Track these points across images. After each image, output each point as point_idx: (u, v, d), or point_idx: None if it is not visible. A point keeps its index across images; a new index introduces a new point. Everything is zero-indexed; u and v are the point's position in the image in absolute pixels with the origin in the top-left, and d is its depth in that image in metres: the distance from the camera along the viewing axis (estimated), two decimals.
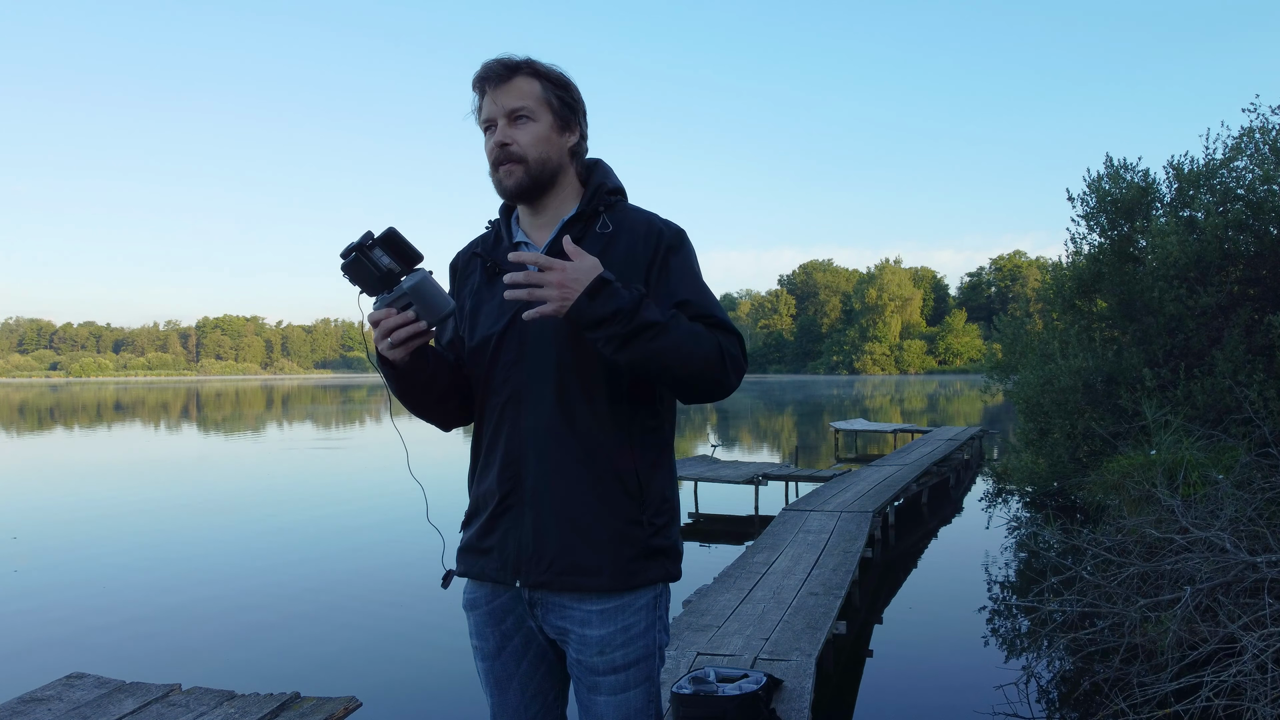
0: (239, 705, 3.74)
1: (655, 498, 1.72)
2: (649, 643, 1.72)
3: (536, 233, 1.79)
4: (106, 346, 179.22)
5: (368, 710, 4.00)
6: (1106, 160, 10.20)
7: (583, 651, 1.70)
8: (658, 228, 1.74)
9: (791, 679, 4.14)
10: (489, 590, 1.77)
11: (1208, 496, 5.48)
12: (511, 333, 1.70)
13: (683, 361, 1.58)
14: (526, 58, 1.71)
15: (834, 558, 6.86)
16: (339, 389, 79.96)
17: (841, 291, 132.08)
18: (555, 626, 1.72)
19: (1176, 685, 3.98)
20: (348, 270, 1.51)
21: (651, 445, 1.73)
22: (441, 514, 1.89)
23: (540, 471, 1.67)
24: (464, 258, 1.89)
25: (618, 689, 1.69)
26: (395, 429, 1.96)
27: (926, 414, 35.60)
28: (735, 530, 10.59)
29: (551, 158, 1.72)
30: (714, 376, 1.63)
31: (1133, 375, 8.79)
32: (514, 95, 1.69)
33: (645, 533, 1.69)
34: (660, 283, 1.69)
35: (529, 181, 1.71)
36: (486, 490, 1.75)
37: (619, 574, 1.67)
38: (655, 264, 1.70)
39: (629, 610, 1.69)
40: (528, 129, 1.69)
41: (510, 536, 1.70)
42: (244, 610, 7.13)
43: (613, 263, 1.66)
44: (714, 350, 1.62)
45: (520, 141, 1.69)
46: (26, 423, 34.95)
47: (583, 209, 1.74)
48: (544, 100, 1.71)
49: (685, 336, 1.59)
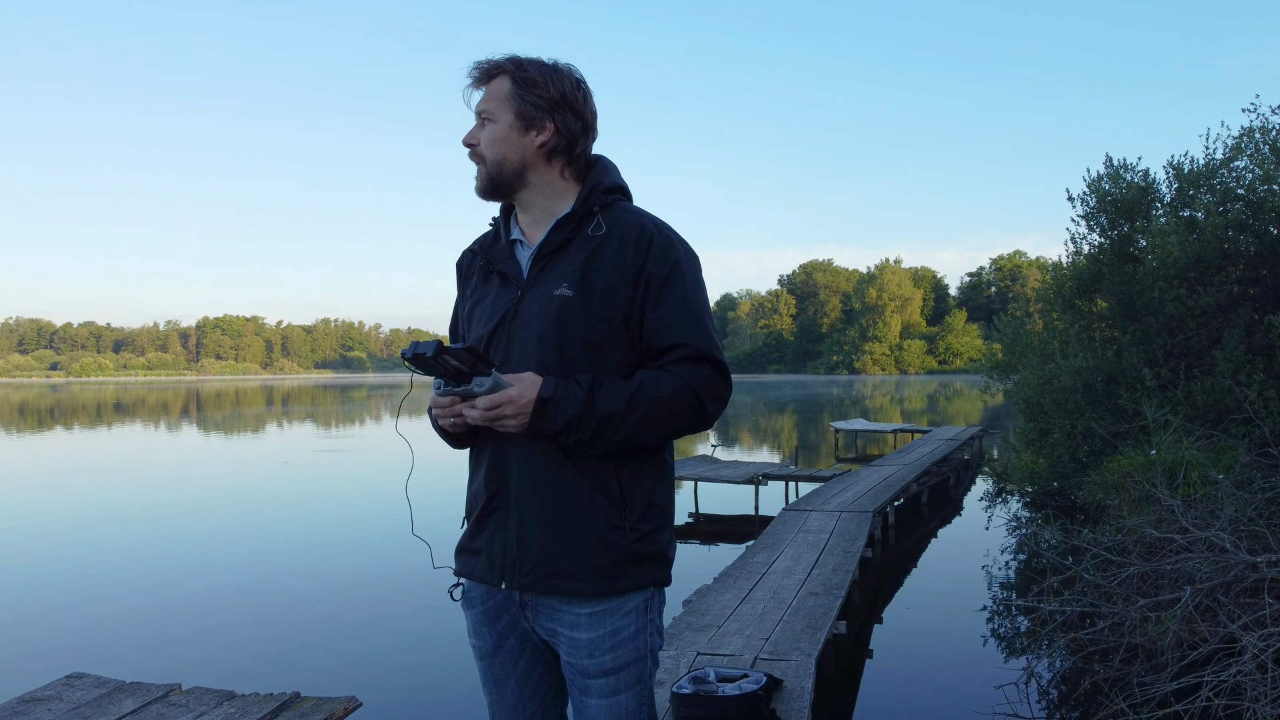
0: (239, 705, 3.73)
1: (640, 503, 1.69)
2: (639, 646, 1.71)
3: (530, 229, 1.79)
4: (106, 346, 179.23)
5: (368, 710, 4.00)
6: (1106, 160, 10.20)
7: (573, 654, 1.70)
8: (649, 234, 1.69)
9: (791, 679, 4.14)
10: (484, 590, 1.77)
11: (1208, 496, 5.48)
12: (500, 334, 1.72)
13: (656, 431, 1.63)
14: (508, 57, 1.72)
15: (834, 558, 6.86)
16: (339, 389, 79.96)
17: (841, 291, 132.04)
18: (546, 628, 1.72)
19: (1176, 685, 3.98)
20: (410, 364, 1.55)
21: (635, 451, 1.68)
22: (435, 520, 1.88)
23: (523, 474, 1.67)
24: (467, 257, 1.90)
25: (608, 692, 1.69)
26: (408, 446, 1.97)
27: (926, 414, 35.60)
28: (735, 530, 10.60)
29: (510, 157, 1.72)
30: (690, 425, 1.67)
31: (1133, 375, 8.79)
32: (481, 97, 1.74)
33: (628, 538, 1.67)
34: (652, 312, 1.66)
35: (488, 181, 1.74)
36: (476, 490, 1.77)
37: (600, 579, 1.65)
38: (644, 281, 1.66)
39: (618, 613, 1.68)
40: (486, 130, 1.73)
41: (496, 538, 1.71)
42: (244, 610, 7.13)
43: (599, 267, 1.66)
44: (685, 404, 1.63)
45: (482, 141, 1.73)
46: (27, 423, 34.95)
47: (576, 208, 1.72)
48: (506, 100, 1.71)
49: (651, 407, 1.61)
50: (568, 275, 1.67)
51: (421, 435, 1.98)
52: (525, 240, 1.79)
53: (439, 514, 1.85)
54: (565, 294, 1.66)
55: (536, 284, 1.71)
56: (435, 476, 2.48)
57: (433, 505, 1.98)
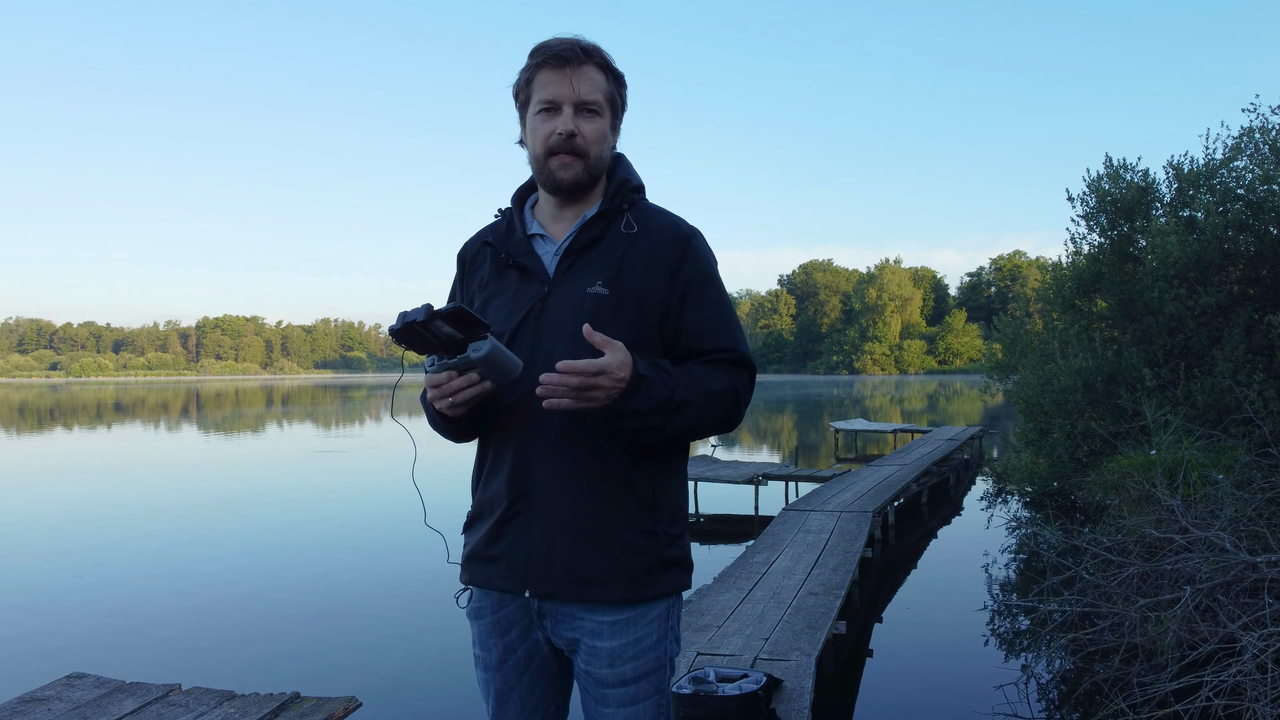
0: (239, 705, 3.73)
1: (670, 507, 1.66)
2: (660, 654, 1.66)
3: (554, 225, 1.71)
4: (106, 346, 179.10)
5: (368, 710, 4.00)
6: (1106, 160, 10.20)
7: (591, 663, 1.64)
8: (685, 235, 1.68)
9: (791, 679, 4.14)
10: (495, 599, 1.70)
11: (1208, 496, 5.48)
12: (524, 331, 1.63)
13: (703, 425, 1.60)
14: (595, 44, 1.63)
15: (834, 558, 6.86)
16: (339, 389, 79.95)
17: (841, 291, 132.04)
18: (564, 637, 1.66)
19: (1176, 685, 3.98)
20: (400, 338, 1.40)
21: (666, 453, 1.66)
22: (442, 517, 1.84)
23: (551, 478, 1.60)
24: (473, 247, 1.80)
25: (626, 701, 1.64)
26: (408, 434, 1.88)
27: (926, 414, 35.60)
28: (735, 530, 10.60)
29: (605, 158, 1.67)
30: (724, 425, 1.65)
31: (1133, 375, 8.79)
32: (588, 84, 1.60)
33: (660, 544, 1.63)
34: (692, 315, 1.64)
35: (585, 178, 1.64)
36: (494, 495, 1.67)
37: (632, 586, 1.60)
38: (681, 282, 1.64)
39: (641, 622, 1.63)
40: (594, 124, 1.62)
41: (519, 544, 1.63)
42: (244, 610, 7.13)
43: (633, 265, 1.62)
44: (730, 402, 1.62)
45: (586, 136, 1.61)
46: (26, 423, 34.95)
47: (605, 207, 1.67)
48: (607, 97, 1.64)
49: (709, 400, 1.59)
50: (601, 273, 1.62)
51: (419, 426, 1.90)
52: (547, 235, 1.71)
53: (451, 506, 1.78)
54: (600, 292, 1.61)
55: (564, 281, 1.64)
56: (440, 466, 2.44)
57: (442, 497, 1.93)
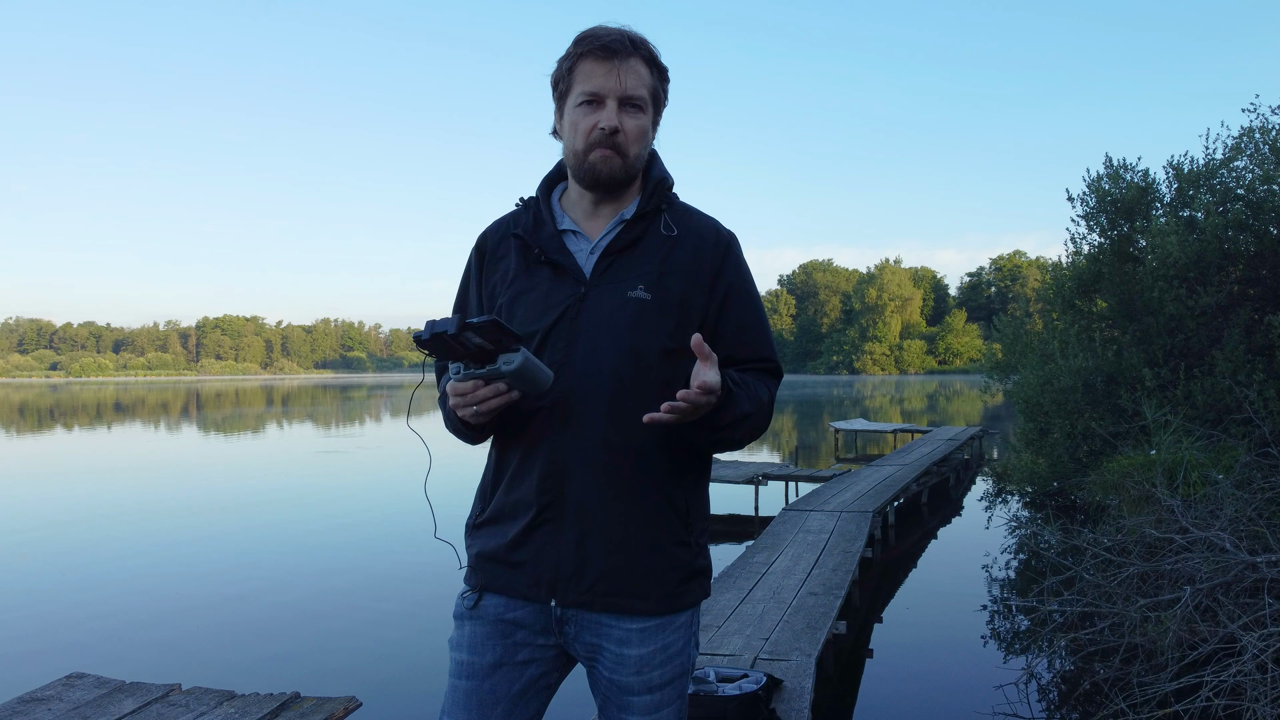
0: (239, 705, 3.74)
1: (699, 516, 1.64)
2: (684, 661, 1.64)
3: (589, 223, 1.64)
4: (106, 346, 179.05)
5: (368, 710, 4.00)
6: (1106, 160, 10.20)
7: (617, 670, 1.59)
8: (725, 239, 1.65)
9: (791, 679, 4.13)
10: (503, 603, 1.61)
11: (1208, 496, 5.48)
12: (558, 331, 1.56)
13: (749, 437, 1.59)
14: (643, 36, 1.57)
15: (834, 558, 6.86)
16: (339, 389, 79.95)
17: (841, 291, 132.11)
18: (587, 644, 1.60)
19: (1176, 685, 3.98)
20: (426, 346, 1.36)
21: (698, 460, 1.64)
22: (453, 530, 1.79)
23: (586, 486, 1.53)
24: (495, 237, 1.69)
25: (651, 709, 1.61)
26: (424, 444, 1.79)
27: (926, 414, 35.61)
28: (735, 530, 10.58)
29: (643, 156, 1.62)
30: (760, 435, 1.63)
31: (1133, 375, 8.79)
32: (634, 78, 1.55)
33: (691, 553, 1.61)
34: (733, 323, 1.63)
35: (624, 176, 1.58)
36: (520, 500, 1.58)
37: (665, 597, 1.58)
38: (722, 288, 1.62)
39: (669, 629, 1.60)
40: (637, 121, 1.57)
41: (547, 552, 1.56)
42: (244, 610, 7.13)
43: (676, 270, 1.58)
44: (770, 413, 1.61)
45: (628, 133, 1.56)
46: (26, 423, 34.94)
47: (644, 208, 1.62)
48: (651, 93, 1.58)
49: (760, 415, 1.57)
50: (643, 277, 1.57)
51: (433, 431, 1.85)
52: (580, 231, 1.64)
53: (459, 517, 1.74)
54: (642, 297, 1.55)
55: (603, 283, 1.57)
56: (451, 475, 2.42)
57: (452, 506, 1.90)
